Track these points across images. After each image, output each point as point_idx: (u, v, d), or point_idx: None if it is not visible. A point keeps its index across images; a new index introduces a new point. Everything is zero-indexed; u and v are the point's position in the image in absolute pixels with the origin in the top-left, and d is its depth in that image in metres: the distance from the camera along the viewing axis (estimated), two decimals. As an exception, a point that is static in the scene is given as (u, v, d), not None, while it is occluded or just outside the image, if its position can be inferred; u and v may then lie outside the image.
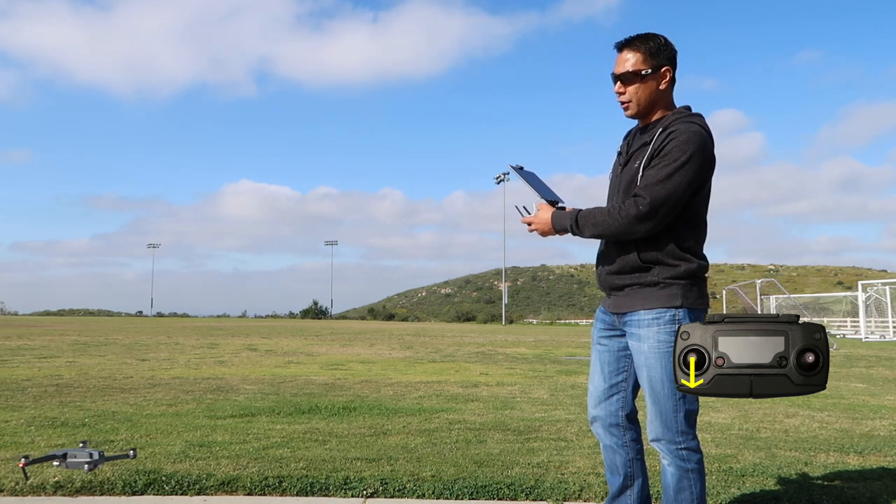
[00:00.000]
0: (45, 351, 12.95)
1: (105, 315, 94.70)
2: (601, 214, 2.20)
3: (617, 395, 2.37)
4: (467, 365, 11.21)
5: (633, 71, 2.24)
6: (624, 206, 2.15)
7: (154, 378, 8.11)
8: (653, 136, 2.22)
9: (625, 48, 2.27)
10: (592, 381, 2.43)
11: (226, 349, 14.47)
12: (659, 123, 2.26)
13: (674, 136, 2.15)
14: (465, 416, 5.39)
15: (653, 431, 2.22)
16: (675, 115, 2.24)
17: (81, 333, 21.49)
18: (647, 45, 2.24)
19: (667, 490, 2.24)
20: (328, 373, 9.25)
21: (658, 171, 2.13)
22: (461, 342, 19.37)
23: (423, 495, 3.17)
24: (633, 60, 2.25)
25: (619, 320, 2.30)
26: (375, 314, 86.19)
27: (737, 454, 4.06)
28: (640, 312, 2.20)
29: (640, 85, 2.25)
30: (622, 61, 2.26)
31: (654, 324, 2.17)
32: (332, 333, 24.74)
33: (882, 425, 5.27)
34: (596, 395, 2.40)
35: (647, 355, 2.18)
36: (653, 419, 2.21)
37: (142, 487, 3.16)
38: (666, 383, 2.15)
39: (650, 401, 2.20)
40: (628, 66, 2.25)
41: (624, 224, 2.15)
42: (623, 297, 2.26)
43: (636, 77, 2.25)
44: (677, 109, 2.29)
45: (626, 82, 2.26)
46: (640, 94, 2.26)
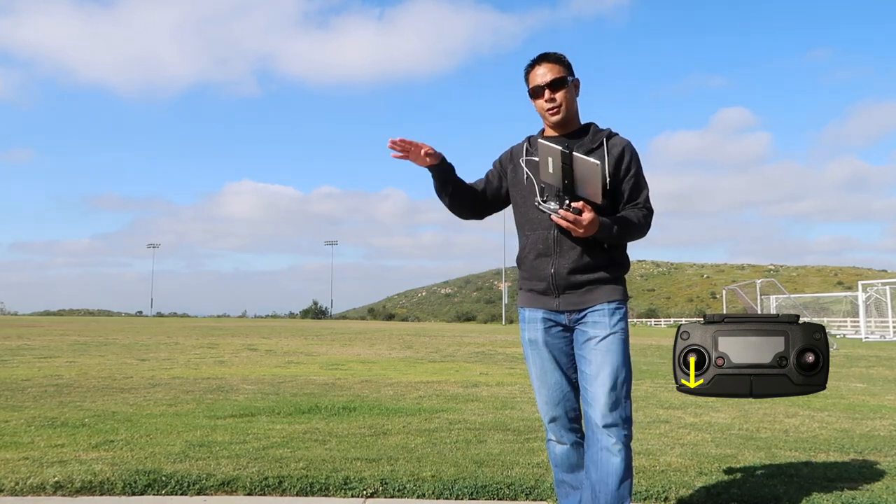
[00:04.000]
0: (45, 351, 12.95)
1: (105, 315, 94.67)
2: (633, 226, 2.35)
3: (574, 390, 2.40)
4: (467, 365, 11.21)
5: (560, 77, 2.40)
6: (642, 216, 2.38)
7: (154, 378, 8.11)
8: (597, 143, 2.40)
9: (542, 62, 2.43)
10: (545, 383, 2.41)
11: (226, 349, 14.47)
12: (596, 133, 2.45)
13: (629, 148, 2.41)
14: (465, 416, 5.39)
15: (606, 417, 2.23)
16: (605, 129, 2.47)
17: (81, 333, 21.49)
18: (561, 59, 2.44)
19: (609, 477, 2.21)
20: (328, 373, 9.25)
21: (639, 179, 2.41)
22: (461, 342, 19.37)
23: (423, 495, 3.17)
24: (555, 70, 2.41)
25: (573, 316, 2.36)
26: (375, 314, 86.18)
27: (737, 454, 4.06)
28: (602, 305, 2.33)
29: (566, 91, 2.42)
30: (544, 73, 2.41)
31: (616, 314, 2.33)
32: (332, 333, 24.74)
33: (882, 425, 5.27)
34: (555, 395, 2.40)
35: (610, 343, 2.29)
36: (607, 405, 2.23)
37: (142, 487, 3.16)
38: (623, 370, 2.27)
39: (607, 387, 2.24)
40: (555, 74, 2.40)
41: (646, 233, 2.40)
42: (582, 293, 2.35)
43: (563, 83, 2.41)
44: (591, 123, 2.50)
45: (556, 88, 2.40)
46: (568, 99, 2.43)
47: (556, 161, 2.20)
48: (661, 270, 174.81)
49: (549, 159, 2.23)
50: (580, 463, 2.42)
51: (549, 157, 2.22)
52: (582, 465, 2.41)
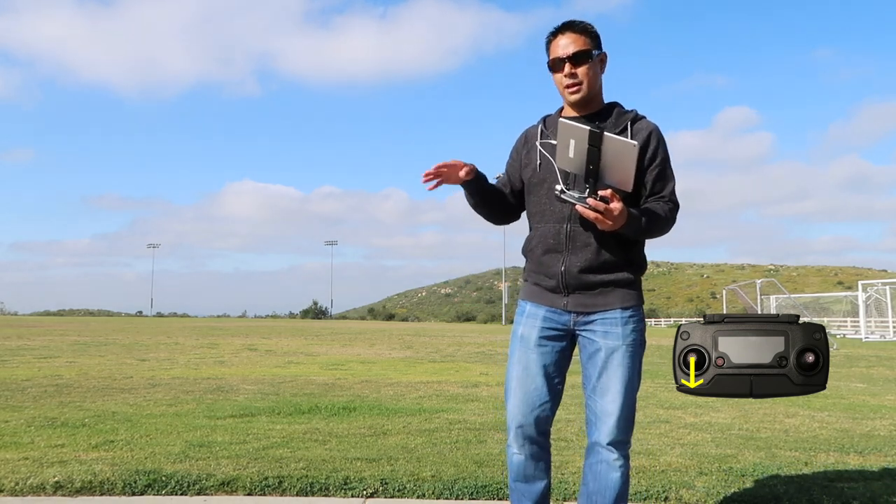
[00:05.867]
0: (45, 351, 12.95)
1: (105, 315, 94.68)
2: (660, 220, 2.11)
3: (553, 399, 2.18)
4: (467, 365, 11.21)
5: (583, 50, 2.14)
6: (669, 209, 2.14)
7: (154, 378, 8.11)
8: (620, 127, 2.16)
9: (566, 31, 2.17)
10: (524, 386, 2.16)
11: (226, 349, 14.47)
12: (620, 115, 2.21)
13: (656, 133, 2.17)
14: (465, 416, 5.39)
15: (613, 434, 2.07)
16: (630, 111, 2.22)
17: (81, 333, 21.49)
18: (586, 29, 2.18)
19: (607, 490, 2.07)
20: (328, 373, 9.25)
21: (666, 169, 2.17)
22: (461, 342, 19.37)
23: (423, 495, 3.17)
24: (579, 41, 2.15)
25: (580, 318, 2.15)
26: (375, 314, 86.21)
27: (737, 454, 4.06)
28: (616, 311, 2.12)
29: (589, 65, 2.15)
30: (566, 44, 2.15)
31: (631, 322, 2.12)
32: (332, 333, 24.74)
33: (882, 425, 5.27)
34: (531, 401, 2.15)
35: (623, 354, 2.10)
36: (616, 421, 2.07)
37: (142, 487, 3.16)
38: (635, 383, 2.11)
39: (617, 405, 2.07)
40: (579, 46, 2.14)
41: (669, 229, 2.16)
42: (594, 295, 2.13)
43: (587, 57, 2.15)
44: (615, 102, 2.26)
45: (578, 63, 2.14)
46: (591, 75, 2.16)
47: (581, 143, 1.95)
48: (661, 270, 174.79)
49: (570, 141, 1.98)
50: (537, 475, 2.19)
51: (570, 139, 1.98)
52: (539, 476, 2.20)
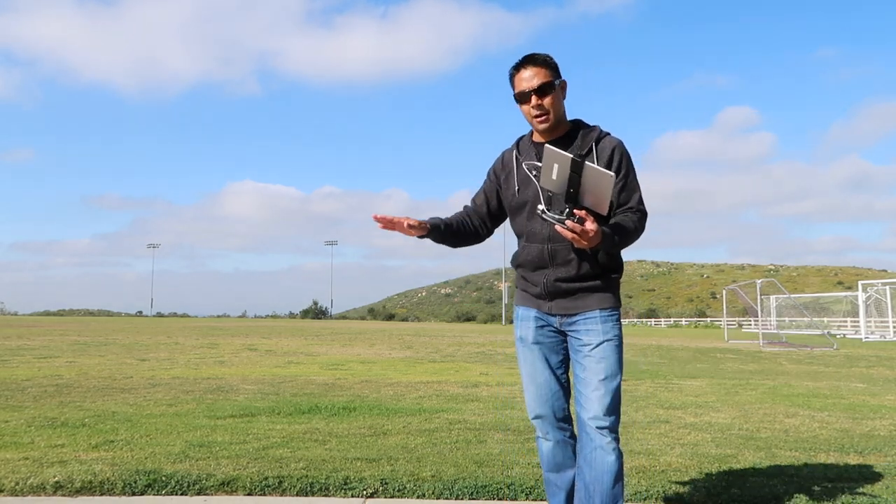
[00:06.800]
0: (45, 351, 12.95)
1: (105, 315, 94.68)
2: (630, 233, 2.31)
3: (563, 389, 2.44)
4: (467, 365, 11.21)
5: (547, 82, 2.31)
6: (636, 220, 2.33)
7: (154, 378, 8.11)
8: (586, 148, 2.34)
9: (528, 65, 2.33)
10: (535, 380, 2.44)
11: (226, 349, 14.47)
12: (585, 135, 2.38)
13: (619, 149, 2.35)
14: (465, 416, 5.39)
15: (600, 420, 2.26)
16: (591, 128, 2.42)
17: (81, 333, 21.49)
18: (546, 61, 2.34)
19: (604, 475, 2.24)
20: (328, 373, 9.25)
21: (631, 182, 2.36)
22: (461, 342, 19.37)
23: (423, 495, 3.17)
24: (541, 74, 2.32)
25: (564, 320, 2.39)
26: (375, 314, 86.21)
27: (737, 454, 4.06)
28: (594, 312, 2.35)
29: (553, 95, 2.33)
30: (530, 77, 2.31)
31: (610, 320, 2.36)
32: (332, 333, 24.74)
33: (882, 425, 5.27)
34: (543, 393, 2.43)
35: (604, 350, 2.32)
36: (602, 409, 2.27)
37: (142, 487, 3.16)
38: (617, 377, 2.32)
39: (601, 392, 2.28)
40: (542, 78, 2.31)
41: (640, 236, 2.36)
42: (573, 299, 2.37)
43: (551, 88, 2.32)
44: (577, 120, 2.45)
45: (544, 94, 2.31)
46: (556, 103, 2.34)
47: (564, 168, 2.10)
48: (661, 270, 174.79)
49: (554, 165, 2.12)
50: (566, 462, 2.44)
51: (554, 163, 2.12)
52: (567, 464, 2.44)
